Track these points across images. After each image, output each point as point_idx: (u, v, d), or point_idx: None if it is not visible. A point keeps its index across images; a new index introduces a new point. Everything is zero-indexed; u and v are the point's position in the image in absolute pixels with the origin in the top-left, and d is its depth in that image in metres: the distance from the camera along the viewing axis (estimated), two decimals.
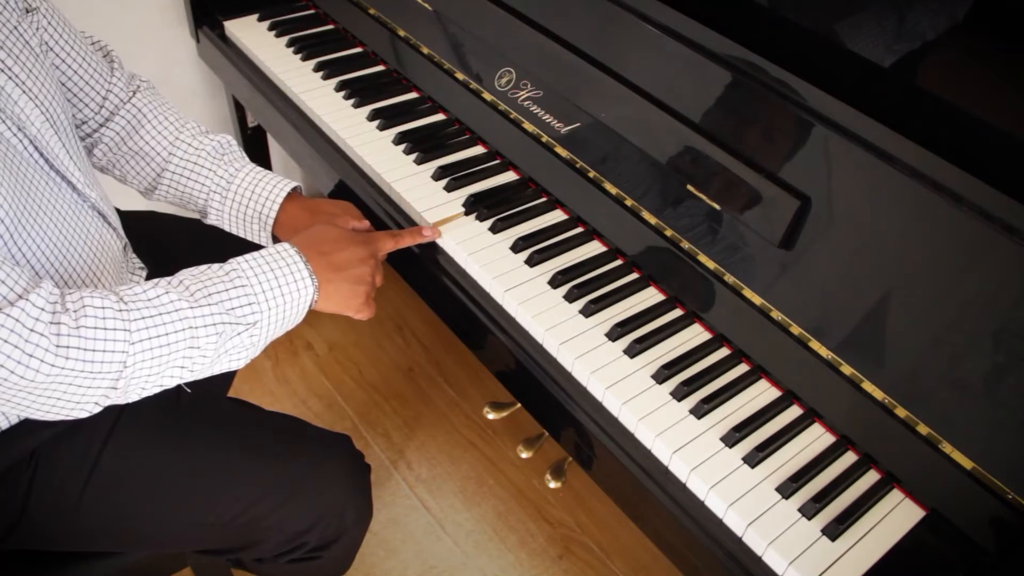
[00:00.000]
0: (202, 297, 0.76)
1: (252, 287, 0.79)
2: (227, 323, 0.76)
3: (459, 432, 1.63)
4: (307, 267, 0.83)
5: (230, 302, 0.77)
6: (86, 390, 0.69)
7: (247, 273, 0.80)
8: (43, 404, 0.68)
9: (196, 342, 0.74)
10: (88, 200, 0.81)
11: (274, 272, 0.81)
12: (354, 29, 1.36)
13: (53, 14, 0.88)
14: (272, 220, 0.95)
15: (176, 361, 0.73)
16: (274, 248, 0.83)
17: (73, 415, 0.71)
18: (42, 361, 0.64)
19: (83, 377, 0.67)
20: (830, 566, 0.73)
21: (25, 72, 0.76)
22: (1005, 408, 0.71)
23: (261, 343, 0.81)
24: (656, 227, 0.95)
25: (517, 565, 1.42)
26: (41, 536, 0.85)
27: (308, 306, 0.84)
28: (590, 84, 0.99)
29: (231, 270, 0.79)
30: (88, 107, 0.95)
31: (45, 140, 0.76)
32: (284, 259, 0.82)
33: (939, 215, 0.73)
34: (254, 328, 0.79)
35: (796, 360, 0.84)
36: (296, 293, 0.82)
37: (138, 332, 0.70)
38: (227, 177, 0.96)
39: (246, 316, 0.78)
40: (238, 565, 1.04)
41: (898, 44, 0.81)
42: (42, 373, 0.65)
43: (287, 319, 0.82)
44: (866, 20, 0.82)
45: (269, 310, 0.80)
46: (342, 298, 0.87)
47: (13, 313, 0.63)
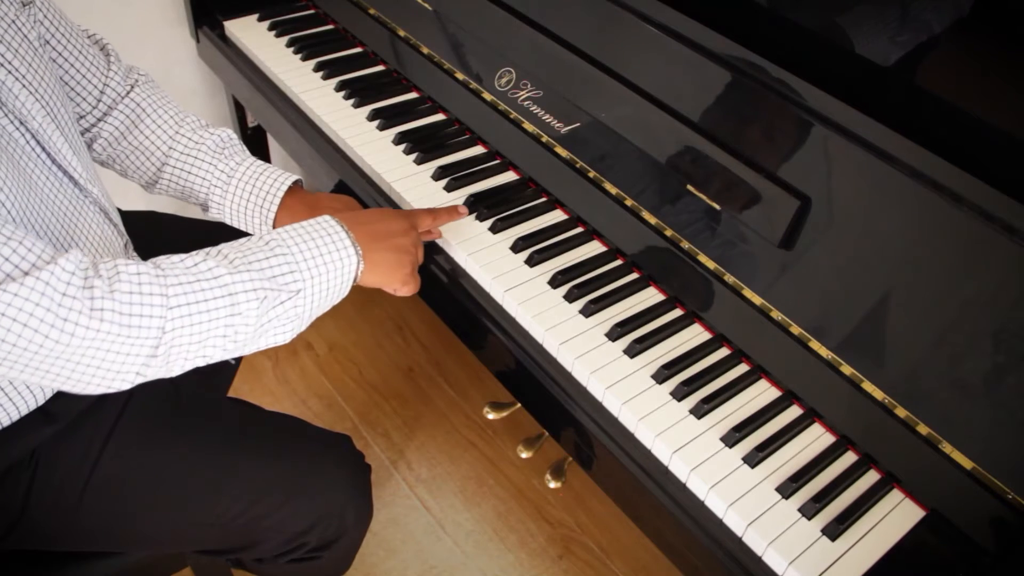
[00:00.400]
0: (242, 264, 0.74)
1: (293, 255, 0.77)
2: (269, 289, 0.74)
3: (459, 432, 1.63)
4: (349, 236, 0.82)
5: (271, 269, 0.75)
6: (124, 357, 0.67)
7: (287, 242, 0.78)
8: (83, 373, 0.66)
9: (237, 308, 0.72)
10: (90, 196, 0.81)
11: (315, 241, 0.80)
12: (354, 29, 1.36)
13: (49, 7, 0.87)
14: (273, 214, 0.95)
15: (217, 330, 0.72)
16: (315, 220, 0.82)
17: (115, 386, 0.69)
18: (76, 324, 0.63)
19: (120, 342, 0.66)
20: (830, 566, 0.73)
21: (25, 66, 0.76)
22: (1005, 408, 0.71)
23: (307, 315, 0.79)
24: (656, 227, 0.95)
25: (517, 565, 1.42)
26: (41, 536, 0.85)
27: (353, 276, 0.82)
28: (590, 84, 0.99)
29: (271, 239, 0.78)
30: (86, 101, 0.94)
31: (47, 135, 0.76)
32: (325, 229, 0.81)
33: (939, 215, 0.73)
34: (298, 298, 0.77)
35: (796, 360, 0.84)
36: (340, 262, 0.80)
37: (176, 297, 0.69)
38: (228, 171, 0.96)
39: (288, 284, 0.76)
40: (238, 565, 1.05)
41: (898, 44, 0.81)
42: (77, 337, 0.63)
43: (331, 289, 0.81)
44: (866, 20, 0.82)
45: (312, 278, 0.78)
46: (388, 268, 0.86)
47: (43, 276, 0.62)
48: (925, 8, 0.78)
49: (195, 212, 1.61)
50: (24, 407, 0.78)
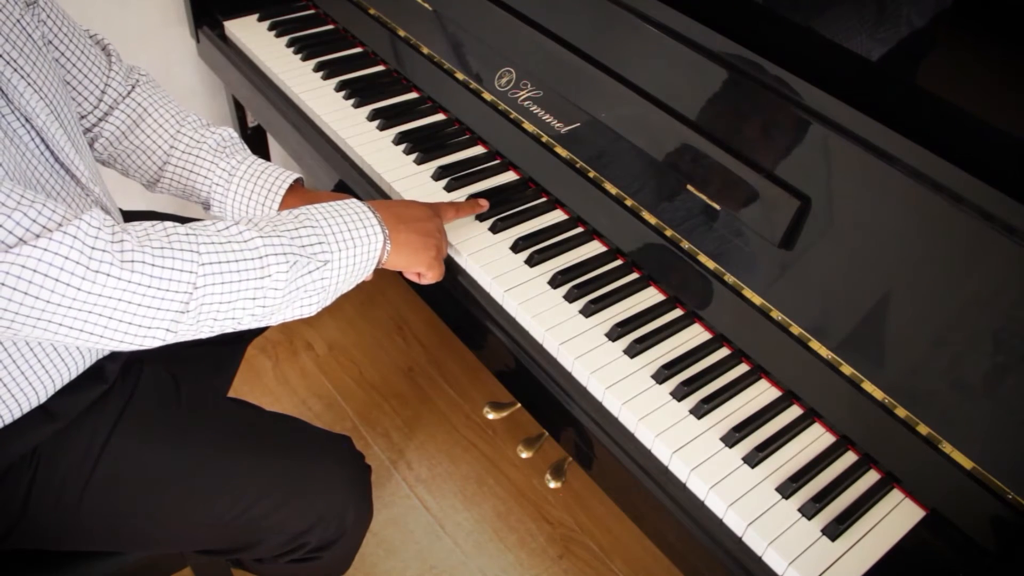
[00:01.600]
0: (271, 231, 0.75)
1: (322, 228, 0.79)
2: (299, 256, 0.76)
3: (459, 432, 1.63)
4: (376, 216, 0.84)
5: (300, 239, 0.77)
6: (155, 312, 0.68)
7: (315, 217, 0.80)
8: (115, 329, 0.67)
9: (267, 271, 0.73)
10: (92, 195, 0.81)
11: (343, 217, 0.81)
12: (354, 29, 1.36)
13: (52, 7, 0.88)
14: (275, 212, 0.95)
15: (247, 292, 0.72)
16: (341, 200, 0.84)
17: (146, 343, 0.70)
18: (108, 276, 0.64)
19: (151, 295, 0.67)
20: (830, 566, 0.73)
21: (30, 65, 0.76)
22: (1005, 408, 0.71)
23: (333, 288, 0.80)
24: (656, 227, 0.95)
25: (517, 565, 1.42)
26: (41, 536, 0.85)
27: (379, 253, 0.84)
28: (590, 84, 0.99)
29: (299, 214, 0.80)
30: (87, 100, 0.95)
31: (51, 132, 0.76)
32: (352, 208, 0.83)
33: (939, 215, 0.73)
34: (325, 269, 0.78)
35: (796, 360, 0.84)
36: (366, 239, 0.82)
37: (207, 255, 0.70)
38: (229, 170, 0.96)
39: (317, 254, 0.77)
40: (238, 565, 1.05)
41: (898, 44, 0.81)
42: (108, 287, 0.64)
43: (358, 265, 0.82)
44: (866, 20, 0.82)
45: (340, 251, 0.79)
46: (413, 250, 0.87)
47: (70, 231, 0.62)
48: (925, 7, 0.78)
49: (195, 212, 1.61)
50: (26, 404, 0.78)
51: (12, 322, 0.63)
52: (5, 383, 0.75)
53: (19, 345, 0.75)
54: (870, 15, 0.82)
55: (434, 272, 0.91)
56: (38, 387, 0.78)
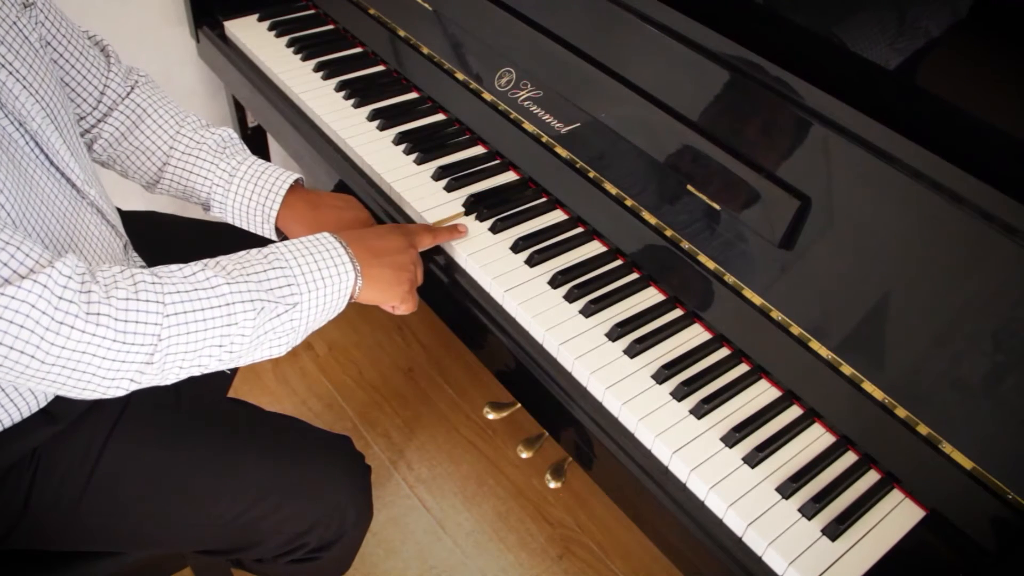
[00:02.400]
0: (240, 276, 0.75)
1: (291, 268, 0.78)
2: (266, 301, 0.75)
3: (459, 432, 1.63)
4: (348, 251, 0.83)
5: (268, 282, 0.76)
6: (120, 364, 0.67)
7: (285, 256, 0.79)
8: (78, 379, 0.66)
9: (233, 319, 0.73)
10: (87, 197, 0.81)
11: (313, 256, 0.81)
12: (354, 29, 1.36)
13: (50, 8, 0.87)
14: (275, 213, 0.95)
15: (213, 339, 0.72)
16: (315, 236, 0.83)
17: (109, 393, 0.70)
18: (72, 328, 0.63)
19: (116, 348, 0.66)
20: (830, 566, 0.73)
21: (26, 67, 0.76)
22: (1005, 408, 0.71)
23: (303, 328, 0.80)
24: (656, 227, 0.95)
25: (517, 565, 1.42)
26: (41, 536, 0.85)
27: (350, 291, 0.83)
28: (590, 84, 0.99)
29: (269, 253, 0.79)
30: (86, 102, 0.94)
31: (46, 136, 0.76)
32: (323, 244, 0.82)
33: (939, 215, 0.73)
34: (294, 311, 0.78)
35: (796, 360, 0.84)
36: (337, 277, 0.81)
37: (172, 305, 0.69)
38: (229, 170, 0.96)
39: (286, 297, 0.77)
40: (238, 565, 1.05)
41: (898, 44, 0.81)
42: (72, 340, 0.64)
43: (328, 304, 0.81)
44: (865, 20, 0.82)
45: (309, 292, 0.79)
46: (386, 284, 0.87)
47: (40, 279, 0.62)
48: (925, 8, 0.78)
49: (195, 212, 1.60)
50: (26, 409, 0.78)
51: None
52: (4, 387, 0.75)
53: None
54: (870, 15, 0.82)
55: (407, 305, 0.91)
56: (38, 392, 0.78)
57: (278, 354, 0.80)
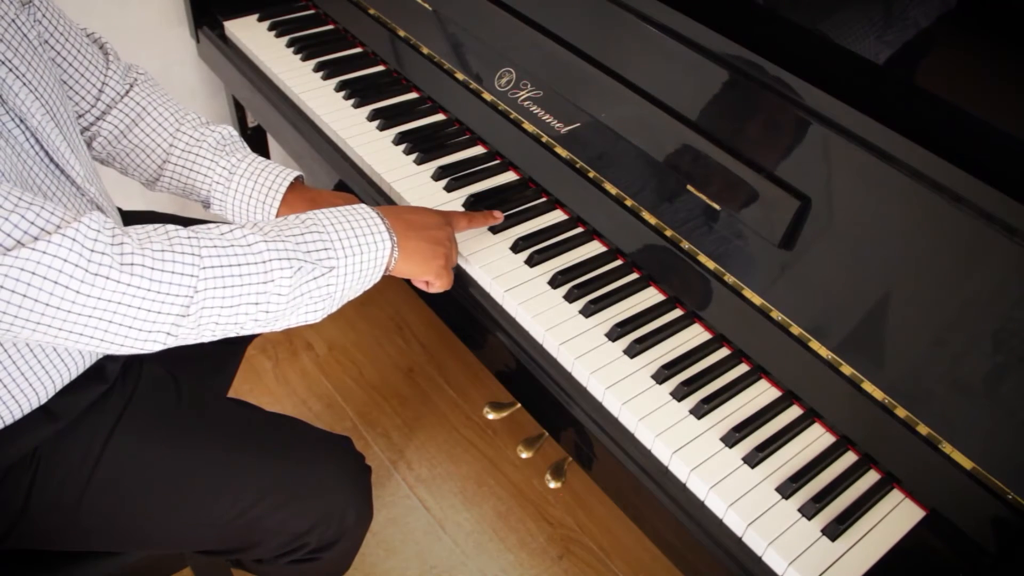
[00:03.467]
0: (277, 236, 0.75)
1: (328, 233, 0.78)
2: (303, 261, 0.75)
3: (459, 432, 1.63)
4: (384, 222, 0.82)
5: (306, 244, 0.76)
6: (155, 316, 0.67)
7: (323, 221, 0.79)
8: (115, 333, 0.66)
9: (270, 275, 0.72)
10: (87, 195, 0.81)
11: (351, 222, 0.80)
12: (354, 29, 1.36)
13: (48, 6, 0.87)
14: (275, 210, 0.95)
15: (249, 296, 0.72)
16: (351, 206, 0.83)
17: (146, 347, 0.69)
18: (107, 279, 0.63)
19: (151, 298, 0.66)
20: (830, 566, 0.73)
21: (25, 64, 0.76)
22: (1005, 408, 0.71)
23: (338, 295, 0.79)
24: (656, 227, 0.95)
25: (517, 565, 1.42)
26: (41, 535, 0.85)
27: (387, 261, 0.83)
28: (590, 84, 0.99)
29: (306, 218, 0.79)
30: (84, 100, 0.94)
31: (46, 133, 0.76)
32: (360, 213, 0.82)
33: (939, 215, 0.73)
34: (331, 275, 0.77)
35: (796, 360, 0.84)
36: (374, 245, 0.81)
37: (209, 258, 0.69)
38: (229, 168, 0.96)
39: (322, 260, 0.76)
40: (238, 565, 1.05)
41: (898, 44, 0.81)
42: (107, 291, 0.64)
43: (365, 272, 0.81)
44: (865, 20, 0.82)
45: (346, 257, 0.78)
46: (422, 257, 0.86)
47: (69, 233, 0.62)
48: (925, 7, 0.78)
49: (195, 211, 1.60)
50: (27, 405, 0.78)
51: (11, 325, 0.63)
52: (5, 384, 0.75)
53: (19, 346, 0.75)
54: (870, 15, 0.82)
55: (442, 281, 0.91)
56: (39, 388, 0.78)
57: (314, 320, 0.79)
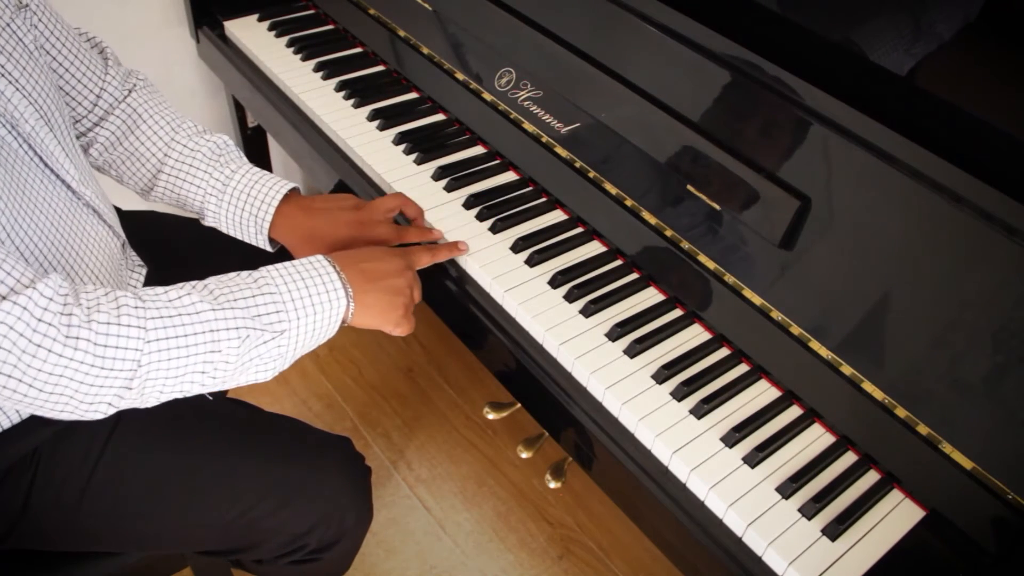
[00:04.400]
0: (226, 301, 0.73)
1: (281, 294, 0.76)
2: (252, 328, 0.73)
3: (459, 432, 1.63)
4: (341, 277, 0.80)
5: (256, 308, 0.74)
6: (98, 389, 0.66)
7: (276, 280, 0.77)
8: (55, 402, 0.66)
9: (217, 346, 0.71)
10: (83, 198, 0.81)
11: (304, 281, 0.78)
12: (354, 29, 1.36)
13: (45, 10, 0.86)
14: (268, 223, 0.94)
15: (196, 366, 0.71)
16: (307, 259, 0.81)
17: (87, 416, 0.69)
18: (50, 351, 0.63)
19: (94, 373, 0.65)
20: (830, 566, 0.73)
21: (19, 69, 0.75)
22: (1005, 408, 0.71)
23: (291, 355, 0.78)
24: (656, 227, 0.95)
25: (517, 565, 1.42)
26: (41, 536, 0.85)
27: (341, 317, 0.81)
28: (590, 84, 0.99)
29: (259, 277, 0.77)
30: (82, 105, 0.93)
31: (40, 138, 0.75)
32: (316, 268, 0.80)
33: (939, 215, 0.73)
34: (282, 338, 0.76)
35: (796, 360, 0.84)
36: (328, 304, 0.79)
37: (155, 331, 0.68)
38: (223, 179, 0.94)
39: (273, 324, 0.75)
40: (238, 566, 1.05)
41: (897, 43, 0.81)
42: (50, 363, 0.63)
43: (318, 331, 0.79)
44: (865, 20, 0.82)
45: (298, 319, 0.77)
46: (380, 310, 0.84)
47: (20, 301, 0.61)
48: (924, 8, 0.78)
49: None
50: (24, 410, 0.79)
51: None
52: None
53: None
54: (869, 15, 0.82)
55: (402, 329, 0.88)
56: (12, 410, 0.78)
57: (264, 379, 0.78)
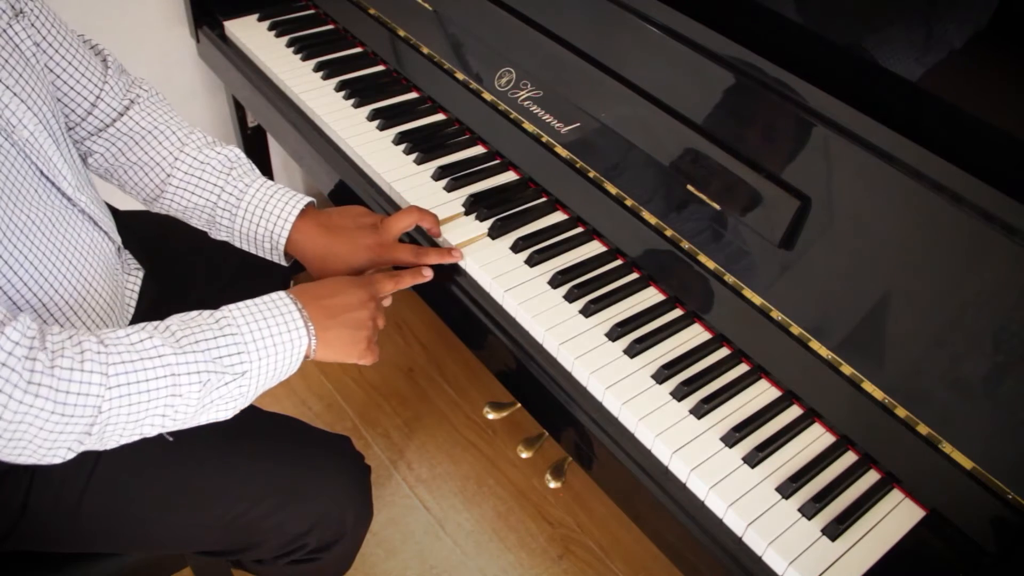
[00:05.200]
0: (188, 344, 0.73)
1: (242, 335, 0.76)
2: (213, 372, 0.73)
3: (459, 432, 1.63)
4: (303, 315, 0.80)
5: (218, 350, 0.74)
6: (58, 435, 0.66)
7: (238, 321, 0.77)
8: (13, 447, 0.65)
9: (178, 390, 0.71)
10: (78, 204, 0.80)
11: (267, 320, 0.78)
12: (354, 29, 1.36)
13: (43, 14, 0.85)
14: (284, 240, 0.93)
15: (156, 409, 0.71)
16: (269, 296, 0.81)
17: (46, 460, 0.68)
18: (10, 397, 0.62)
19: (54, 419, 0.65)
20: (830, 566, 0.73)
21: (15, 75, 0.75)
22: (1005, 408, 0.71)
23: (251, 393, 0.78)
24: (656, 227, 0.95)
25: (517, 565, 1.42)
26: (41, 538, 0.85)
27: (303, 355, 0.82)
28: (590, 84, 0.99)
29: (221, 318, 0.77)
30: (75, 112, 0.92)
31: (37, 144, 0.75)
32: (278, 307, 0.80)
33: (939, 215, 0.73)
34: (243, 379, 0.76)
35: (796, 360, 0.84)
36: (290, 344, 0.79)
37: (116, 377, 0.67)
38: (236, 194, 0.93)
39: (234, 366, 0.75)
40: (238, 566, 1.05)
41: (898, 44, 0.81)
42: (9, 410, 0.62)
43: (279, 369, 0.79)
44: (865, 20, 0.82)
45: (260, 359, 0.77)
46: (342, 345, 0.85)
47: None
48: (924, 8, 0.78)
49: None
50: None
51: None
52: None
53: None
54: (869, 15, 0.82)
55: (366, 360, 0.88)
56: None
57: (224, 417, 0.78)
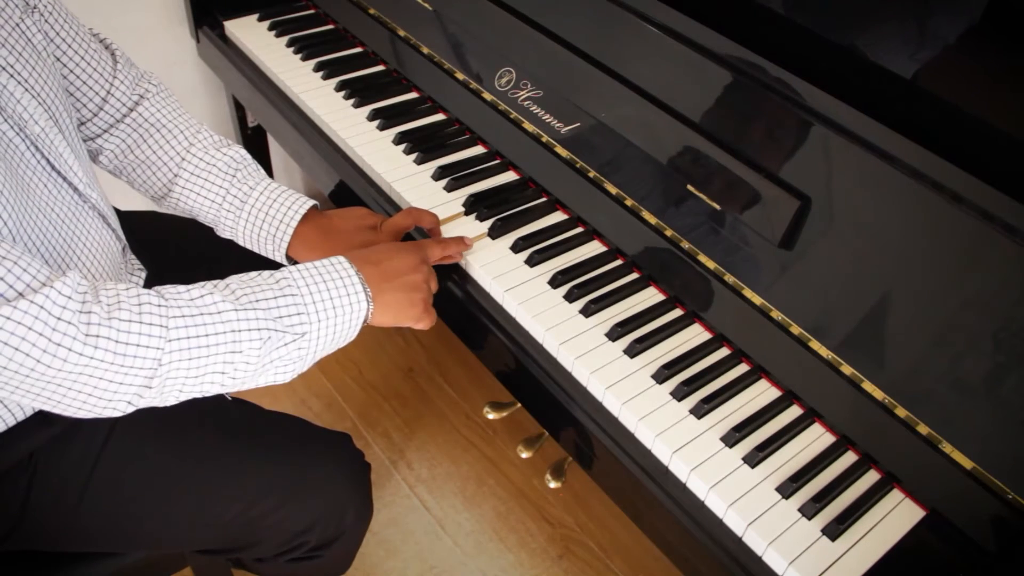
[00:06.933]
0: (248, 302, 0.73)
1: (303, 296, 0.76)
2: (274, 330, 0.73)
3: (459, 432, 1.63)
4: (361, 281, 0.80)
5: (278, 310, 0.74)
6: (117, 386, 0.66)
7: (298, 282, 0.77)
8: (73, 399, 0.65)
9: (239, 346, 0.71)
10: (89, 201, 0.81)
11: (327, 283, 0.78)
12: (354, 29, 1.36)
13: (56, 9, 0.86)
14: (286, 243, 0.93)
15: (216, 366, 0.70)
16: (328, 260, 0.81)
17: (105, 414, 0.68)
18: (69, 350, 0.62)
19: (113, 371, 0.65)
20: (830, 566, 0.73)
21: (28, 70, 0.75)
22: (1005, 408, 0.71)
23: (310, 357, 0.78)
24: (656, 227, 0.95)
25: (517, 565, 1.42)
26: (41, 536, 0.85)
27: (363, 319, 0.81)
28: (590, 84, 0.99)
29: (281, 278, 0.77)
30: (86, 107, 0.92)
31: (49, 139, 0.75)
32: (337, 271, 0.80)
33: (939, 215, 0.73)
34: (302, 340, 0.76)
35: (796, 360, 0.84)
36: (349, 307, 0.79)
37: (176, 330, 0.68)
38: (241, 196, 0.93)
39: (294, 326, 0.75)
40: (238, 565, 1.05)
41: (898, 44, 0.81)
42: (69, 363, 0.62)
43: (339, 333, 0.79)
44: (865, 19, 0.82)
45: (319, 322, 0.77)
46: (400, 308, 0.85)
47: (37, 300, 0.60)
48: (925, 8, 0.78)
49: None
50: (20, 413, 0.78)
51: None
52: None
53: None
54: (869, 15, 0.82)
55: (423, 323, 0.88)
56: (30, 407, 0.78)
57: (283, 380, 0.78)
